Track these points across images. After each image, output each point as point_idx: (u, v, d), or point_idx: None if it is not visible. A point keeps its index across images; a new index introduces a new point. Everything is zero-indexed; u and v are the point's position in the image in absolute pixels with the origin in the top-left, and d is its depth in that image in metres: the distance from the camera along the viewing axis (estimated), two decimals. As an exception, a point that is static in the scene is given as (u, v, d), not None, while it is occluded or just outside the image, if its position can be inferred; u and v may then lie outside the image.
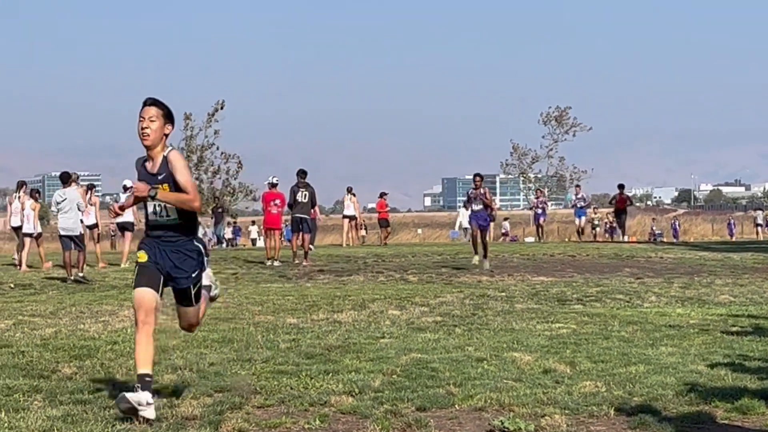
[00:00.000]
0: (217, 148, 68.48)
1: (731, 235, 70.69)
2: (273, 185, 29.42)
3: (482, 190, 27.16)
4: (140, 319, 8.77)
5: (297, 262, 28.48)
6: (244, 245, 65.93)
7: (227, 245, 58.94)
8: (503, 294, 18.92)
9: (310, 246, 29.48)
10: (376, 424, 7.88)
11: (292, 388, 9.31)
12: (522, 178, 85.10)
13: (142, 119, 8.72)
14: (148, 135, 8.71)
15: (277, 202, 28.81)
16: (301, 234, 28.80)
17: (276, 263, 27.89)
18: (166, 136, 8.87)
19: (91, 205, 27.97)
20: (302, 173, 28.93)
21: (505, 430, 7.76)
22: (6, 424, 7.90)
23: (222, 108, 68.49)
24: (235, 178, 68.88)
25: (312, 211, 28.92)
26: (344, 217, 42.90)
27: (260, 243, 74.33)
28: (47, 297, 18.88)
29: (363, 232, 54.62)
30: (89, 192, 28.56)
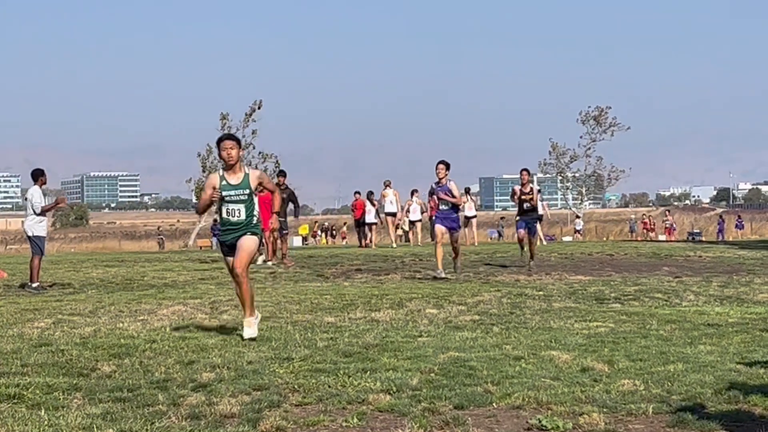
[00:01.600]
0: (254, 148, 68.84)
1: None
2: None
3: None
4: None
5: (275, 263, 28.23)
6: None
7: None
8: (541, 293, 18.88)
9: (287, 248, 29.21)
10: (413, 422, 7.89)
11: (329, 387, 9.32)
12: (560, 178, 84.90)
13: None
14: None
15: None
16: (279, 235, 28.55)
17: (268, 262, 27.82)
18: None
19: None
20: (281, 174, 28.71)
21: (543, 428, 7.75)
22: (46, 422, 7.96)
23: (259, 108, 68.95)
24: (272, 178, 69.12)
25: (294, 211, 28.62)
26: (387, 214, 40.77)
27: (297, 242, 74.54)
28: (86, 296, 19.01)
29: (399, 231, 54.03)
30: None
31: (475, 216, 45.10)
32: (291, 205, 29.72)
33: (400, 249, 36.65)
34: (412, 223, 44.10)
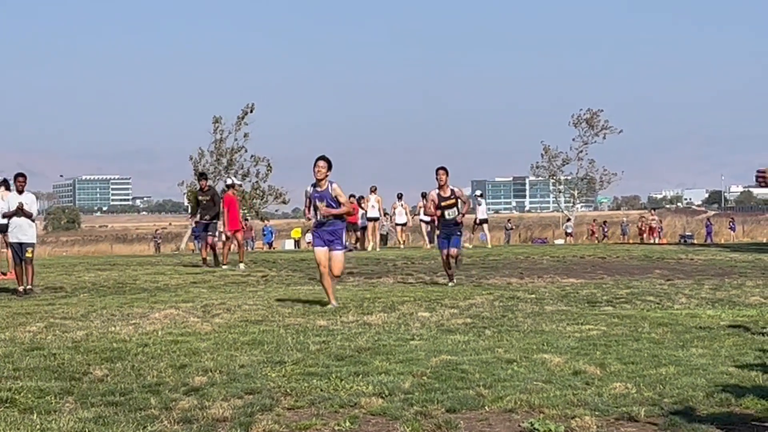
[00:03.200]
0: (246, 151, 68.80)
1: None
2: (230, 186, 29.07)
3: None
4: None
5: (208, 267, 27.93)
6: (274, 248, 66.07)
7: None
8: (533, 296, 18.88)
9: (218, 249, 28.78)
10: (406, 425, 7.89)
11: (322, 390, 9.33)
12: (552, 181, 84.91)
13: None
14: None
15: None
16: (207, 238, 28.15)
17: (239, 266, 27.53)
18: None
19: None
20: (202, 176, 28.38)
21: (535, 431, 7.76)
22: (38, 426, 7.95)
23: (252, 111, 68.83)
24: (264, 181, 69.14)
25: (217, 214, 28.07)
26: (368, 219, 41.01)
27: (290, 245, 74.48)
28: (78, 300, 18.97)
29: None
30: None
31: (433, 221, 45.16)
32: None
33: (392, 252, 36.64)
34: (399, 225, 44.23)
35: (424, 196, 43.26)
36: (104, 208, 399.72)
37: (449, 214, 21.52)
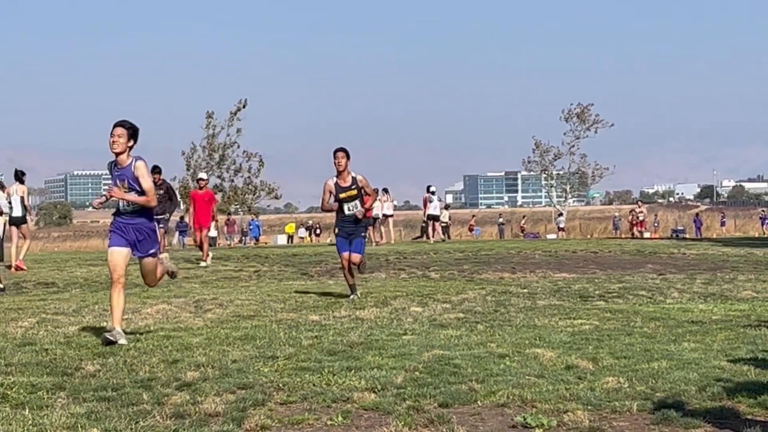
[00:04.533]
0: (239, 147, 68.78)
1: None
2: (197, 181, 28.67)
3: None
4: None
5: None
6: (266, 243, 66.11)
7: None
8: (525, 291, 18.90)
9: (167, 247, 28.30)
10: (398, 420, 7.89)
11: (314, 385, 9.32)
12: (544, 175, 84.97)
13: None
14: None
15: (207, 199, 28.10)
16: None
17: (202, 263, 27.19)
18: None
19: None
20: (155, 169, 27.61)
21: (528, 426, 7.76)
22: (30, 422, 7.93)
23: (244, 107, 68.83)
24: (256, 177, 69.14)
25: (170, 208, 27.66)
26: None
27: (282, 240, 74.49)
28: (70, 295, 18.96)
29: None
30: None
31: (392, 215, 45.17)
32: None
33: (385, 247, 36.65)
34: (385, 217, 44.24)
35: (386, 191, 43.39)
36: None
37: (350, 208, 17.26)
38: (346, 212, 17.27)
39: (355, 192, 17.17)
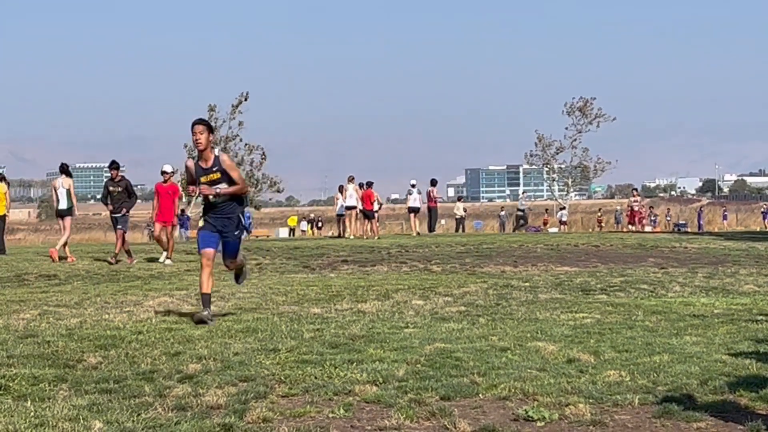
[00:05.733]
0: (241, 140, 68.83)
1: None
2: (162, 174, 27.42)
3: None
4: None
5: (117, 262, 26.08)
6: (267, 236, 66.11)
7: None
8: (527, 284, 18.90)
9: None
10: (400, 413, 7.89)
11: (316, 378, 9.32)
12: (546, 169, 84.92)
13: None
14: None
15: (171, 192, 27.09)
16: (117, 231, 26.48)
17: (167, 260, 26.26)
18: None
19: None
20: (113, 165, 26.83)
21: (529, 419, 7.76)
22: (32, 413, 7.94)
23: (246, 100, 68.87)
24: (258, 170, 69.19)
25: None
26: (347, 208, 41.37)
27: (284, 233, 74.44)
28: (72, 287, 18.95)
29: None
30: None
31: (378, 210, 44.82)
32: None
33: (386, 240, 36.65)
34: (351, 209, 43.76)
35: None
36: (97, 196, 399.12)
37: (214, 196, 13.63)
38: (211, 199, 13.70)
39: (218, 175, 13.56)
